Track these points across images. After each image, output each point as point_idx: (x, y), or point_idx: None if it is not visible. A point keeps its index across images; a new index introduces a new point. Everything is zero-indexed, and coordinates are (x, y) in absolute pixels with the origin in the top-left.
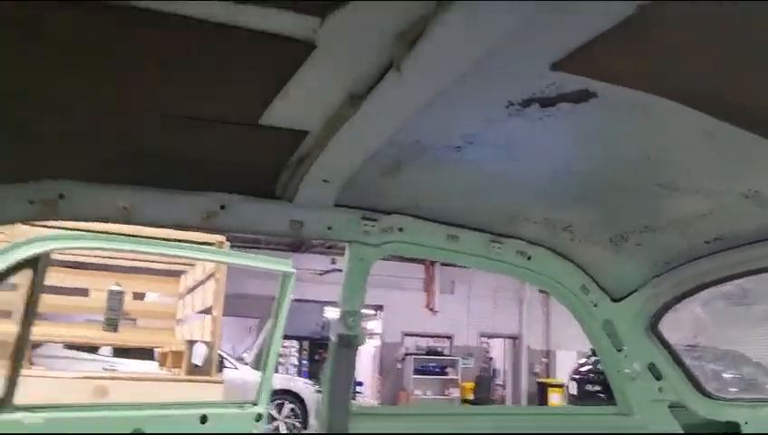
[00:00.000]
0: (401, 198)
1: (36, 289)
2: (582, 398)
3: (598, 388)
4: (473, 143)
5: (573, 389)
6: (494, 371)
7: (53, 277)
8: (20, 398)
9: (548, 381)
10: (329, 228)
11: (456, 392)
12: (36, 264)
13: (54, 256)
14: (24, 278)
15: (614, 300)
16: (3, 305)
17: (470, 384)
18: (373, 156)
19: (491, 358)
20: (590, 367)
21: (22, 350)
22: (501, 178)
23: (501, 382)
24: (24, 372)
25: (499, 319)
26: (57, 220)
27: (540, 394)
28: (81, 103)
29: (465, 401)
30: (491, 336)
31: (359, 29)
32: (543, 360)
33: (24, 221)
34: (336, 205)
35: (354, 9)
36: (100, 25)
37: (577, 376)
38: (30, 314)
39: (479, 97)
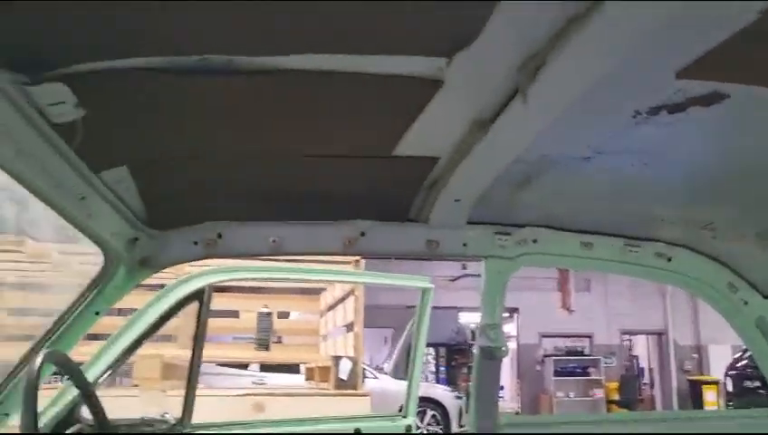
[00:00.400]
0: (533, 210)
1: (203, 317)
2: (741, 395)
3: (757, 384)
4: (601, 153)
5: (730, 386)
6: (640, 369)
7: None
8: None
9: (701, 378)
10: (464, 245)
11: (599, 393)
12: (202, 295)
13: None
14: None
15: (766, 297)
16: (168, 331)
17: (614, 384)
18: (502, 173)
19: (634, 356)
20: (747, 362)
21: (195, 373)
22: (632, 182)
23: (647, 381)
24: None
25: (641, 315)
26: (217, 258)
27: (692, 393)
28: (235, 154)
29: (611, 401)
30: (633, 333)
31: (483, 64)
32: (694, 356)
33: (190, 261)
34: (469, 222)
35: (478, 48)
36: (251, 88)
37: (733, 372)
38: (199, 339)
39: (604, 110)
